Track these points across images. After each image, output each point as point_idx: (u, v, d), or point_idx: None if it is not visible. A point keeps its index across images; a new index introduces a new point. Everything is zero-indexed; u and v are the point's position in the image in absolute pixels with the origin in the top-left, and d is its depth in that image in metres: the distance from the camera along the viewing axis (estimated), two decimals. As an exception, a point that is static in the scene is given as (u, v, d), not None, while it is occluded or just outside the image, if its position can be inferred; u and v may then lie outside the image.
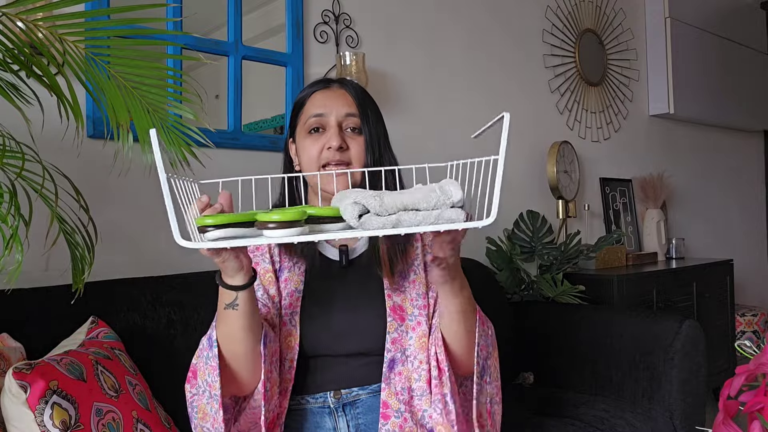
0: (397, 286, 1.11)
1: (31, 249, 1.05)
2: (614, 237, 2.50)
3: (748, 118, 3.98)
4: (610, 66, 3.16)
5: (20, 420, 0.97)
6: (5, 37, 1.00)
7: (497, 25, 2.63)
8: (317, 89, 1.15)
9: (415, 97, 2.31)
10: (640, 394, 1.77)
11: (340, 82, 1.17)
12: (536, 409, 1.70)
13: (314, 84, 1.17)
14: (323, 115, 1.10)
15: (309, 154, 1.10)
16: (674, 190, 3.45)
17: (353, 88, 1.15)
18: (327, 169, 1.09)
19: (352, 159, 1.10)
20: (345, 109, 1.11)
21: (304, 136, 1.12)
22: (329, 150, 1.08)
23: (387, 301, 1.09)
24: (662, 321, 1.79)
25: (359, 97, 1.13)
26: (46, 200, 1.02)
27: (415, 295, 1.11)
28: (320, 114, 1.10)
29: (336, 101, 1.12)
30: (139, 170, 1.18)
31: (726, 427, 0.59)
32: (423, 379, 1.07)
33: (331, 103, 1.11)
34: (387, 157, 1.14)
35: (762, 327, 3.35)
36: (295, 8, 1.96)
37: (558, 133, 2.85)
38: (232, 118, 1.83)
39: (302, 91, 1.18)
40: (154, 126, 1.08)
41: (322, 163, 1.09)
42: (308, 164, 1.11)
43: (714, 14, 3.67)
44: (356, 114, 1.11)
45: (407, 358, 1.07)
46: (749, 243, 4.17)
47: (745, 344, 0.68)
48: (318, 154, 1.09)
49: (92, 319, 1.28)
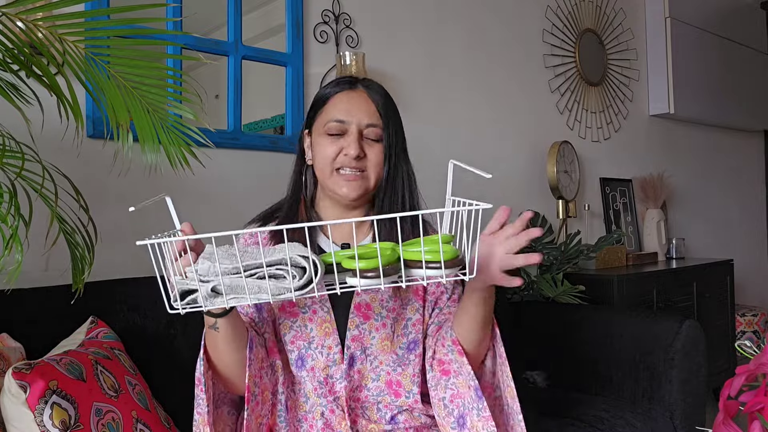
0: None
1: (31, 249, 1.05)
2: (614, 237, 2.50)
3: (748, 118, 3.98)
4: (610, 66, 3.16)
5: (20, 420, 0.97)
6: (5, 37, 1.00)
7: (497, 25, 2.63)
8: (342, 89, 1.12)
9: (415, 97, 2.31)
10: (640, 394, 1.77)
11: (365, 84, 1.14)
12: (536, 409, 1.70)
13: (339, 82, 1.14)
14: (344, 122, 1.09)
15: (324, 154, 1.09)
16: (674, 190, 3.45)
17: (378, 94, 1.12)
18: (341, 172, 1.08)
19: (368, 167, 1.09)
20: (367, 118, 1.09)
21: (321, 134, 1.11)
22: (346, 156, 1.07)
23: (354, 298, 1.10)
24: (662, 321, 1.79)
25: (383, 106, 1.11)
26: (46, 200, 1.02)
27: (387, 297, 1.11)
28: (342, 120, 1.09)
29: (359, 108, 1.09)
30: (139, 170, 1.18)
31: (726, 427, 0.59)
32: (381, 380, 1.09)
33: (354, 109, 1.09)
34: (402, 167, 1.13)
35: (762, 327, 3.35)
36: (295, 8, 1.96)
37: (558, 133, 2.85)
38: (232, 118, 1.83)
39: (326, 87, 1.15)
40: (154, 126, 1.08)
41: (336, 166, 1.08)
42: (322, 163, 1.09)
43: (714, 14, 3.67)
44: (378, 125, 1.09)
45: (366, 357, 1.08)
46: (749, 243, 4.17)
47: (745, 344, 0.68)
48: (333, 156, 1.08)
49: (92, 319, 1.28)
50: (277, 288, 0.74)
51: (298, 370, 1.08)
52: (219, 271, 0.73)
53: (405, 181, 1.13)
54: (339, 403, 1.07)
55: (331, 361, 1.07)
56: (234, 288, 0.75)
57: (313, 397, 1.08)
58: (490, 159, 2.55)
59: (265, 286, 0.74)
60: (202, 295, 0.75)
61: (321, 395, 1.08)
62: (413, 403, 1.10)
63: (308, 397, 1.08)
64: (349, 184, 1.08)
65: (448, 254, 0.78)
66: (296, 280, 0.74)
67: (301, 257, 0.75)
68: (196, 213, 1.73)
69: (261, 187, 1.22)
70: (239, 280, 0.74)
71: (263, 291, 0.74)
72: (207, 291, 0.75)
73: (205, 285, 0.75)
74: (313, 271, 0.75)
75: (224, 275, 0.74)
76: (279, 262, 0.75)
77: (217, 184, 1.76)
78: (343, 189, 1.08)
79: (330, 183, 1.09)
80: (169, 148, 1.10)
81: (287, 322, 1.09)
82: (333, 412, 1.07)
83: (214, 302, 0.76)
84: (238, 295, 0.75)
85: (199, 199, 1.74)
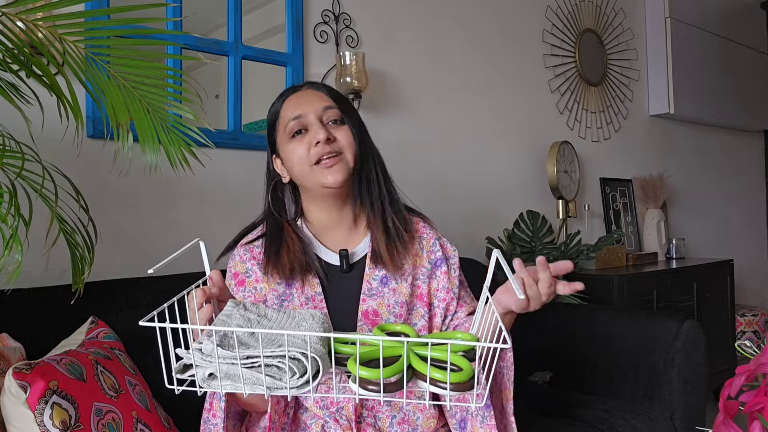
0: (375, 291, 1.10)
1: (31, 249, 1.05)
2: (614, 237, 2.50)
3: (748, 118, 3.97)
4: (610, 66, 3.16)
5: (20, 420, 0.97)
6: (5, 37, 1.00)
7: (497, 24, 2.63)
8: (286, 96, 1.13)
9: (415, 97, 2.31)
10: (640, 394, 1.77)
11: (308, 83, 1.15)
12: (536, 409, 1.70)
13: (283, 93, 1.15)
14: (301, 115, 1.08)
15: (297, 155, 1.08)
16: (674, 190, 3.45)
17: (323, 86, 1.14)
18: (321, 163, 1.06)
19: (342, 148, 1.08)
20: (321, 103, 1.09)
21: (287, 142, 1.10)
22: (318, 145, 1.06)
23: (361, 305, 1.09)
24: (662, 321, 1.79)
25: (332, 93, 1.13)
26: (46, 200, 1.02)
27: (393, 302, 1.10)
28: (298, 116, 1.08)
29: (310, 99, 1.10)
30: (139, 170, 1.18)
31: (726, 427, 0.59)
32: None
33: (305, 102, 1.10)
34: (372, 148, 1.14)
35: (762, 327, 3.35)
36: (295, 8, 1.96)
37: (558, 133, 2.85)
38: (232, 118, 1.83)
39: (272, 105, 1.15)
40: (154, 126, 1.08)
41: (313, 160, 1.06)
42: (299, 165, 1.08)
43: (714, 14, 3.67)
44: (334, 106, 1.10)
45: None
46: (749, 243, 4.17)
47: (745, 344, 0.68)
48: (307, 152, 1.07)
49: (92, 319, 1.28)
50: (275, 383, 0.73)
51: None
52: (216, 357, 0.72)
53: (376, 162, 1.13)
54: (342, 413, 1.07)
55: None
56: (231, 376, 0.73)
57: (315, 409, 1.07)
58: (490, 159, 2.55)
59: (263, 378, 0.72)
60: (199, 377, 0.74)
61: (323, 407, 1.07)
62: (424, 407, 1.09)
63: (309, 409, 1.08)
64: (331, 170, 1.06)
65: (459, 376, 0.71)
66: (295, 378, 0.73)
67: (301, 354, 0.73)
68: (196, 213, 1.74)
69: (261, 187, 1.21)
70: (237, 369, 0.72)
71: (260, 383, 0.73)
72: (204, 375, 0.74)
73: (202, 369, 0.73)
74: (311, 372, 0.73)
75: (223, 362, 0.72)
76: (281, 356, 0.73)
77: (217, 184, 1.76)
78: (328, 177, 1.06)
79: (313, 179, 1.08)
80: (169, 148, 1.09)
81: None
82: (337, 421, 1.06)
83: (211, 385, 0.74)
84: (235, 383, 0.73)
85: (199, 199, 1.74)
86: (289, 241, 1.10)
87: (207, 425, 0.99)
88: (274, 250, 1.09)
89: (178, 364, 0.75)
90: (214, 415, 0.98)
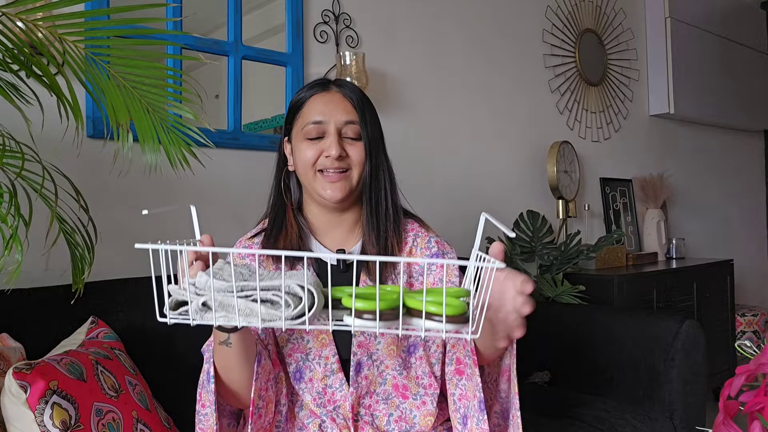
0: None
1: (31, 249, 1.05)
2: (614, 237, 2.50)
3: (748, 118, 3.98)
4: (610, 66, 3.16)
5: (20, 420, 0.97)
6: (5, 37, 1.00)
7: (497, 24, 2.63)
8: (316, 92, 1.13)
9: (415, 97, 2.31)
10: (640, 394, 1.77)
11: (338, 84, 1.14)
12: (536, 409, 1.69)
13: (312, 86, 1.15)
14: (323, 122, 1.08)
15: (305, 157, 1.08)
16: (674, 190, 3.45)
17: (352, 92, 1.13)
18: (324, 174, 1.08)
19: (351, 165, 1.09)
20: (344, 116, 1.09)
21: (301, 139, 1.10)
22: (328, 158, 1.07)
23: None
24: (662, 321, 1.79)
25: (358, 102, 1.12)
26: (46, 200, 1.02)
27: None
28: (319, 122, 1.09)
29: (335, 107, 1.10)
30: (139, 170, 1.18)
31: (726, 427, 0.59)
32: (388, 384, 1.08)
33: (330, 109, 1.09)
34: (383, 162, 1.14)
35: (762, 327, 3.35)
36: (295, 8, 1.96)
37: (558, 133, 2.85)
38: (232, 118, 1.83)
39: (300, 93, 1.15)
40: (154, 126, 1.08)
41: (318, 168, 1.08)
42: (304, 167, 1.09)
43: (714, 14, 3.67)
44: (356, 121, 1.10)
45: (373, 362, 1.08)
46: (749, 243, 4.17)
47: (745, 344, 0.68)
48: (314, 159, 1.08)
49: (92, 319, 1.28)
50: (269, 314, 0.72)
51: (296, 382, 1.08)
52: (213, 287, 0.72)
53: (386, 176, 1.13)
54: (339, 412, 1.07)
55: (329, 371, 1.07)
56: (225, 306, 0.73)
57: (312, 407, 1.07)
58: (490, 159, 2.55)
59: (257, 309, 0.72)
60: (193, 308, 0.74)
61: (320, 405, 1.07)
62: (421, 404, 1.09)
63: (306, 408, 1.08)
64: (333, 185, 1.07)
65: (453, 309, 0.72)
66: (290, 309, 0.73)
67: (299, 286, 0.73)
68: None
69: (261, 187, 1.22)
70: (232, 299, 0.73)
71: (254, 314, 0.73)
72: (198, 305, 0.74)
73: (196, 299, 0.73)
74: (307, 304, 0.73)
75: (218, 292, 0.73)
76: (277, 287, 0.73)
77: (217, 184, 1.76)
78: (328, 191, 1.07)
79: (314, 186, 1.09)
80: (169, 148, 1.09)
81: (284, 334, 1.09)
82: (334, 420, 1.06)
83: (204, 317, 0.74)
84: (228, 314, 0.73)
85: (199, 199, 1.74)
86: (288, 227, 1.11)
87: (198, 416, 0.99)
88: (275, 233, 1.11)
89: (171, 299, 0.75)
90: (204, 405, 0.98)
